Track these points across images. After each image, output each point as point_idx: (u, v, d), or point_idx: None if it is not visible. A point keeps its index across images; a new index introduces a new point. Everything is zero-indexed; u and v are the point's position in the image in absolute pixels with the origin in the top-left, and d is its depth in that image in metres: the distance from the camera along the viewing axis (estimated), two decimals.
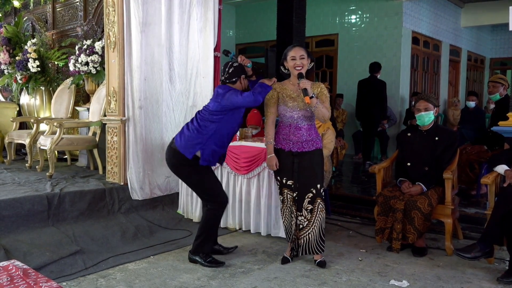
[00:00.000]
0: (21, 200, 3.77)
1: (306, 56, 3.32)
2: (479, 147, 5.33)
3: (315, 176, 3.39)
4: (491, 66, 13.37)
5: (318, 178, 3.40)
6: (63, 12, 6.72)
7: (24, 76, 6.30)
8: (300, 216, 3.41)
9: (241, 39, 10.74)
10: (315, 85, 3.38)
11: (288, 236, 3.54)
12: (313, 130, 3.41)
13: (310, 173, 3.38)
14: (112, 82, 4.56)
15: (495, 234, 3.23)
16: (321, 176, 3.45)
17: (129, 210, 4.40)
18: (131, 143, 4.46)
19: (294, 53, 3.30)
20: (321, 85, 3.41)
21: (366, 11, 8.88)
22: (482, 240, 3.28)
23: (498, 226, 3.20)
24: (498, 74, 9.99)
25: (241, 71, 3.38)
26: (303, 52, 3.31)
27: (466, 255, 3.26)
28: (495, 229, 3.22)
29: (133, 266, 3.43)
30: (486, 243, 3.26)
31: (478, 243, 3.28)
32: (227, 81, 3.37)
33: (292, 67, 3.31)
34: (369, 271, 3.35)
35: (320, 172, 3.44)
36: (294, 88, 3.36)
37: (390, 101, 8.50)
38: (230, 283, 3.12)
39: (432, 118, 3.83)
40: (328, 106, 3.34)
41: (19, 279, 1.81)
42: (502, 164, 3.50)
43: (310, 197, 3.37)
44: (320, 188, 3.40)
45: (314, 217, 3.37)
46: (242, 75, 3.37)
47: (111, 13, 4.47)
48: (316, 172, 3.40)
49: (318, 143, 3.41)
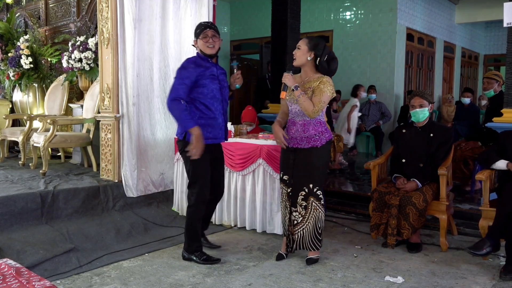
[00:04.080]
0: (14, 198, 3.74)
1: (303, 47, 3.26)
2: (474, 143, 5.34)
3: (308, 175, 3.33)
4: (485, 63, 13.43)
5: (311, 178, 3.31)
6: (56, 8, 6.66)
7: (16, 72, 6.24)
8: (294, 212, 3.39)
9: (235, 36, 10.71)
10: (317, 79, 3.27)
11: (284, 230, 3.54)
12: (310, 127, 3.30)
13: (304, 172, 3.34)
14: (105, 79, 4.53)
15: (503, 228, 3.23)
16: (317, 176, 3.33)
17: (124, 207, 4.38)
18: (126, 140, 4.44)
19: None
20: (323, 79, 3.25)
21: (361, 8, 8.88)
22: (490, 235, 3.28)
23: (505, 220, 3.20)
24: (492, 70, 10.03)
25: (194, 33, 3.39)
26: (300, 42, 3.29)
27: (478, 253, 3.24)
28: (503, 223, 3.22)
29: (128, 264, 3.41)
30: (495, 238, 3.26)
31: (488, 238, 3.27)
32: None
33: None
34: (364, 268, 3.35)
35: (316, 172, 3.33)
36: (296, 81, 3.33)
37: (384, 97, 8.53)
38: (226, 280, 3.11)
39: (427, 115, 3.84)
40: (317, 100, 3.19)
41: (11, 278, 1.78)
42: (499, 160, 3.50)
43: (303, 195, 3.35)
44: (313, 188, 3.31)
45: (308, 214, 3.35)
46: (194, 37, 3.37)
47: (105, 9, 4.44)
48: (310, 171, 3.32)
49: (316, 141, 3.29)
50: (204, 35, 3.29)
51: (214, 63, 3.39)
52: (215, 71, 3.35)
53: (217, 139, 3.39)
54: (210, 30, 3.31)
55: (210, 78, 3.30)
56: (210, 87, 3.29)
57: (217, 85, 3.34)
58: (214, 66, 3.38)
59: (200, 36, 3.31)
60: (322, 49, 3.27)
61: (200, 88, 3.28)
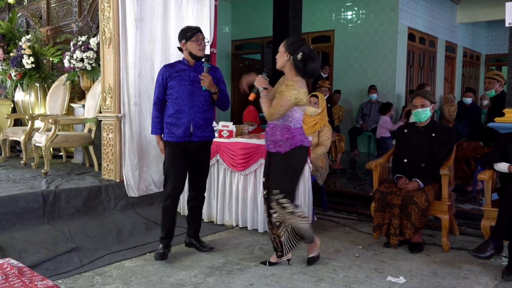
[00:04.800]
0: (16, 198, 3.74)
1: (281, 49, 3.15)
2: (475, 143, 5.34)
3: (272, 180, 3.24)
4: (487, 63, 13.41)
5: (274, 183, 3.20)
6: (57, 8, 6.66)
7: (18, 72, 6.25)
8: (274, 214, 3.24)
9: (237, 36, 10.71)
10: (287, 81, 3.15)
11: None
12: (278, 132, 3.16)
13: (272, 176, 3.27)
14: (107, 79, 4.53)
15: (506, 230, 3.21)
16: (280, 183, 3.17)
17: (125, 207, 4.38)
18: (127, 140, 4.44)
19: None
20: (289, 82, 3.10)
21: (362, 7, 8.88)
22: (494, 237, 3.26)
23: (509, 222, 3.19)
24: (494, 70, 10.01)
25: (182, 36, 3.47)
26: (280, 45, 3.19)
27: (482, 255, 3.22)
28: (506, 225, 3.21)
29: (130, 264, 3.41)
30: (498, 239, 3.25)
31: (491, 240, 3.26)
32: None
33: None
34: (366, 268, 3.35)
35: (277, 177, 3.20)
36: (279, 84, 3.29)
37: (386, 97, 8.52)
38: (227, 280, 3.11)
39: (429, 115, 3.84)
40: (274, 103, 3.08)
41: (14, 277, 1.79)
42: (501, 162, 3.48)
43: (272, 199, 3.21)
44: (276, 194, 3.15)
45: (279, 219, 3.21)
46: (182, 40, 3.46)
47: (106, 9, 4.44)
48: (274, 176, 3.22)
49: (280, 147, 3.16)
50: (197, 38, 3.44)
51: (191, 65, 3.48)
52: (188, 73, 3.45)
53: (180, 138, 3.45)
54: (201, 34, 3.48)
55: (178, 79, 3.44)
56: (176, 88, 3.43)
57: (187, 86, 3.42)
58: (190, 68, 3.47)
59: (192, 39, 3.43)
60: (297, 48, 3.09)
61: (169, 90, 3.47)
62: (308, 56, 3.10)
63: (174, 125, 3.44)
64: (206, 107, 3.49)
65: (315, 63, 3.13)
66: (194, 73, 3.45)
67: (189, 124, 3.43)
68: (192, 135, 3.45)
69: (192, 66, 3.48)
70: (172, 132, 3.46)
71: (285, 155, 3.17)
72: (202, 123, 3.48)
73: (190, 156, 3.55)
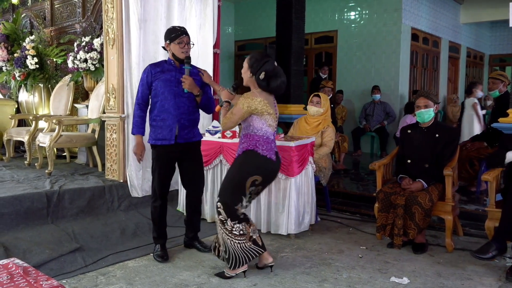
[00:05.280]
0: (20, 198, 3.76)
1: (244, 65, 3.14)
2: (479, 143, 5.32)
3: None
4: (490, 63, 13.38)
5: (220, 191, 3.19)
6: (61, 9, 6.69)
7: (22, 73, 6.27)
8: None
9: (240, 36, 10.72)
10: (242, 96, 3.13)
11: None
12: (243, 140, 3.17)
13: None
14: (111, 79, 4.54)
15: (510, 230, 3.20)
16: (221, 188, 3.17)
17: (129, 207, 4.39)
18: (131, 140, 4.44)
19: None
20: (246, 93, 3.09)
21: (365, 8, 8.86)
22: (496, 238, 3.25)
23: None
24: (497, 70, 9.98)
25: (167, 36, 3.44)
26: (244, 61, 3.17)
27: (484, 256, 3.22)
28: (510, 225, 3.19)
29: (133, 264, 3.42)
30: (501, 241, 3.23)
31: (493, 241, 3.25)
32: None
33: None
34: (369, 268, 3.35)
35: (223, 185, 3.17)
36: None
37: (389, 98, 8.51)
38: (231, 280, 3.11)
39: (432, 115, 3.83)
40: (228, 116, 3.10)
41: (19, 277, 1.79)
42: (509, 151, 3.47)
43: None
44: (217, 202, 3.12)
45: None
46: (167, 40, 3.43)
47: (110, 10, 4.45)
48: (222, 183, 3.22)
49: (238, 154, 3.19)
50: (180, 40, 3.38)
51: (177, 66, 3.44)
52: (173, 74, 3.41)
53: (166, 140, 3.41)
54: (186, 36, 3.41)
55: (163, 81, 3.39)
56: (160, 90, 3.39)
57: (172, 87, 3.39)
58: (176, 69, 3.43)
59: (176, 41, 3.38)
60: (259, 66, 3.05)
61: (153, 91, 3.43)
62: (271, 73, 3.07)
63: (159, 127, 3.40)
64: (191, 109, 3.46)
65: (278, 80, 3.08)
66: (180, 74, 3.40)
67: (174, 125, 3.39)
68: (177, 137, 3.42)
69: (178, 67, 3.44)
70: (157, 135, 3.41)
71: (236, 159, 3.21)
72: (187, 125, 3.45)
73: (179, 159, 3.54)
